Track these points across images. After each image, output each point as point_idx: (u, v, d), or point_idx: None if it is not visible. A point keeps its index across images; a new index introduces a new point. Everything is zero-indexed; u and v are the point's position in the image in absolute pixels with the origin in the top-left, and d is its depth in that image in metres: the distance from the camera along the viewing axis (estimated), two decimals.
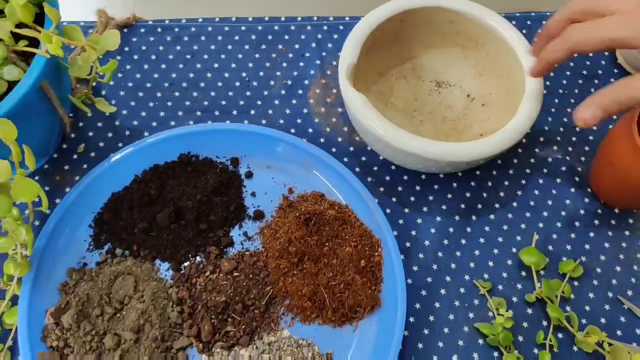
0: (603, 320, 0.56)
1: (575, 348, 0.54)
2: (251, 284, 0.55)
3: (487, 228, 0.60)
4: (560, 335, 0.55)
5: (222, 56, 0.68)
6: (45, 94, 0.49)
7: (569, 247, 0.59)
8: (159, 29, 0.69)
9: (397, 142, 0.52)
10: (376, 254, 0.56)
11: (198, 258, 0.56)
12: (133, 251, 0.56)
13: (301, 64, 0.68)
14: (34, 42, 0.47)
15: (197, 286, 0.55)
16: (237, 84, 0.66)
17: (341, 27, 0.71)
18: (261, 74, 0.67)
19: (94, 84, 0.63)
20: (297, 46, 0.69)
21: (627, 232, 0.60)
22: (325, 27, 0.71)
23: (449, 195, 0.61)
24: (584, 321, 0.56)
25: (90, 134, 0.62)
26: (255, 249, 0.57)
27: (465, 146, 0.52)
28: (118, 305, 0.52)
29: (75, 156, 0.61)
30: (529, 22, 0.72)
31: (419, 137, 0.52)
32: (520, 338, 0.55)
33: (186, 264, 0.56)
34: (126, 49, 0.67)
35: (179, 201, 0.57)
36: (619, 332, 0.56)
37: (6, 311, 0.52)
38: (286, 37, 0.70)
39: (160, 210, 0.56)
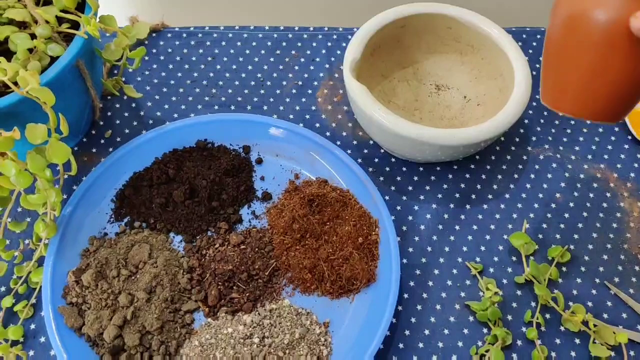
0: (590, 304, 0.59)
1: (562, 328, 0.57)
2: (256, 256, 0.59)
3: (480, 216, 0.64)
4: (547, 316, 0.58)
5: (240, 59, 0.75)
6: (80, 75, 0.56)
7: (558, 236, 0.63)
8: (184, 35, 0.76)
9: (394, 126, 0.57)
10: (373, 233, 0.60)
11: (209, 232, 0.61)
12: (150, 224, 0.61)
13: (312, 67, 0.74)
14: (75, 27, 0.54)
15: (207, 257, 0.59)
16: (253, 83, 0.73)
17: (349, 37, 0.77)
18: (275, 75, 0.73)
19: (123, 79, 0.70)
20: (308, 52, 0.76)
21: (614, 225, 0.63)
22: (335, 36, 0.77)
23: (445, 186, 0.65)
24: (570, 304, 0.58)
25: (118, 121, 0.68)
26: (262, 226, 0.62)
27: (456, 131, 0.57)
28: (133, 268, 0.57)
29: (102, 141, 0.67)
30: (524, 36, 0.78)
31: (413, 123, 0.57)
32: (509, 317, 0.58)
33: (198, 237, 0.60)
34: (154, 50, 0.74)
35: (194, 180, 0.62)
36: (605, 316, 0.58)
37: (33, 270, 0.57)
38: (299, 44, 0.76)
39: (176, 188, 0.62)
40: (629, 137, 0.69)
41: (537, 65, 0.76)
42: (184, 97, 0.71)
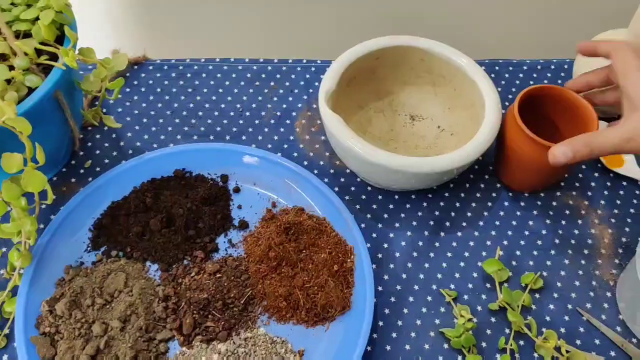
0: (563, 330, 0.59)
1: (535, 354, 0.57)
2: (232, 285, 0.59)
3: (454, 244, 0.65)
4: (521, 343, 0.58)
5: (220, 90, 0.76)
6: (59, 105, 0.57)
7: (531, 262, 0.64)
8: (165, 67, 0.78)
9: (369, 155, 0.58)
10: (349, 260, 0.61)
11: (185, 261, 0.61)
12: (127, 253, 0.61)
13: (290, 98, 0.76)
14: (54, 59, 0.55)
15: (183, 285, 0.59)
16: (232, 113, 0.74)
17: (327, 69, 0.79)
18: (254, 105, 0.75)
19: (103, 110, 0.71)
20: (287, 84, 0.77)
21: (586, 251, 0.65)
22: (313, 69, 0.79)
23: (420, 214, 0.66)
24: (543, 330, 0.59)
25: (97, 152, 0.69)
26: (238, 255, 0.62)
27: (428, 160, 0.58)
28: (108, 297, 0.57)
29: (82, 171, 0.68)
30: (497, 68, 0.80)
31: (385, 151, 0.58)
32: (484, 344, 0.58)
33: (174, 265, 0.61)
34: (135, 82, 0.76)
35: (171, 209, 0.63)
36: (578, 342, 0.59)
37: (6, 300, 0.57)
38: (278, 76, 0.78)
39: (153, 216, 0.62)
40: (599, 166, 0.71)
41: (510, 96, 0.78)
42: (164, 127, 0.72)
